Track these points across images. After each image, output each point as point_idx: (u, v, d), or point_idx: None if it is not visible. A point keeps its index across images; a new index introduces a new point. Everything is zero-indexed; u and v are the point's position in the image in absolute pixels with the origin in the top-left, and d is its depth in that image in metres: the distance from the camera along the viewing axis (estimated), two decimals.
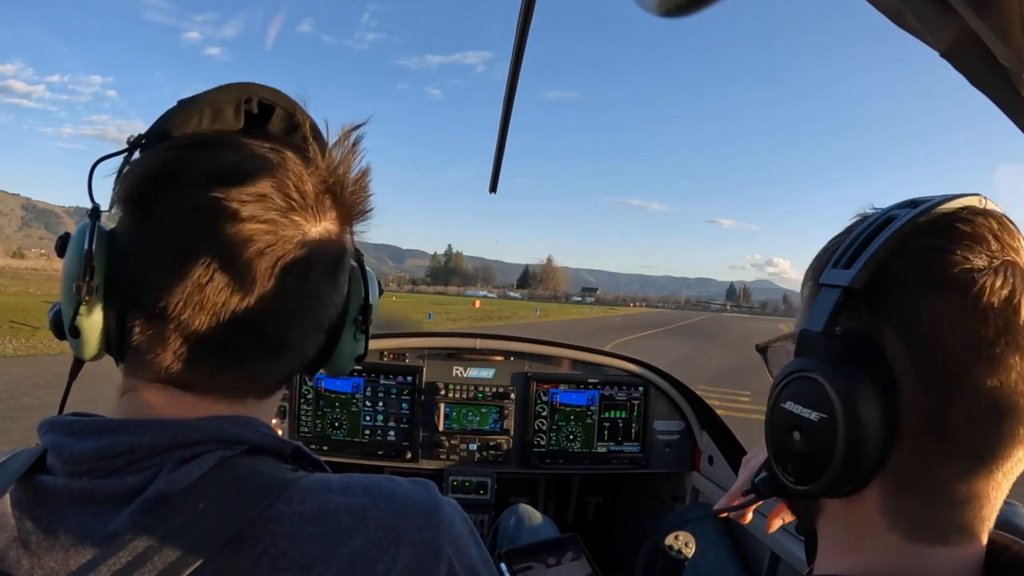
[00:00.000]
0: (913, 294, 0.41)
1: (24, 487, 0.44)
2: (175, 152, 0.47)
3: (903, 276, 0.42)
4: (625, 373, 2.06)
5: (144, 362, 0.47)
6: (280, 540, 0.43)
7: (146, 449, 0.44)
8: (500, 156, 0.93)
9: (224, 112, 0.50)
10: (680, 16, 0.32)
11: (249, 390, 0.51)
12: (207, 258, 0.45)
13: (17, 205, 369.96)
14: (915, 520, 0.42)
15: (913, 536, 0.43)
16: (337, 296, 0.54)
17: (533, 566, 1.29)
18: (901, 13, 0.46)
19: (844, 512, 0.46)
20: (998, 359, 0.39)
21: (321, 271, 0.50)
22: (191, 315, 0.45)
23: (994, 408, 0.39)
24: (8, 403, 6.20)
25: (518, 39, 0.68)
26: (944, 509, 0.42)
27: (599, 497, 2.49)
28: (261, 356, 0.49)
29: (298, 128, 0.53)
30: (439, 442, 1.96)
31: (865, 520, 0.44)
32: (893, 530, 0.43)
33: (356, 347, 0.58)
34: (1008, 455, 0.40)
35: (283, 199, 0.47)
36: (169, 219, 0.46)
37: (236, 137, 0.50)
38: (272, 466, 0.47)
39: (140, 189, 0.47)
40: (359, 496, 0.46)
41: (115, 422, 0.45)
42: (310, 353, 0.53)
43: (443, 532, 0.47)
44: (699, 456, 1.99)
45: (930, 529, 0.42)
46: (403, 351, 2.01)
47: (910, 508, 0.42)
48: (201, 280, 0.45)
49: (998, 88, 0.46)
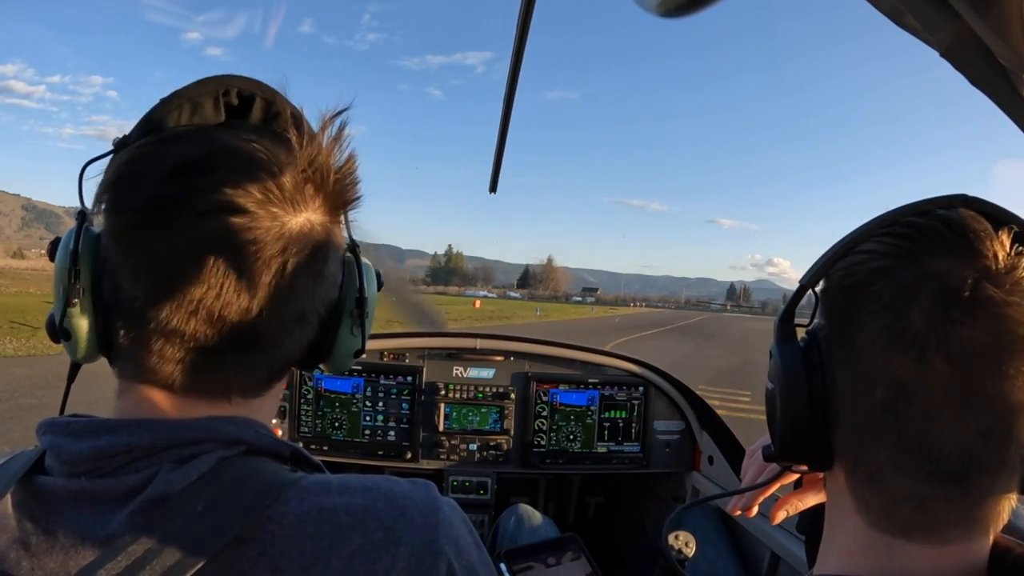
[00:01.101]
0: (840, 296, 0.46)
1: (24, 488, 0.44)
2: (143, 148, 0.47)
3: (833, 282, 0.47)
4: (625, 373, 2.06)
5: (132, 363, 0.48)
6: (279, 541, 0.43)
7: (143, 448, 0.44)
8: (500, 156, 0.93)
9: (203, 106, 0.49)
10: (680, 16, 0.32)
11: (231, 388, 0.50)
12: (175, 255, 0.44)
13: (17, 205, 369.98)
14: (872, 508, 0.44)
15: (878, 525, 0.44)
16: (322, 289, 0.52)
17: (533, 566, 1.29)
18: (901, 13, 0.46)
19: (830, 489, 0.50)
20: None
21: (300, 263, 0.48)
22: (167, 314, 0.44)
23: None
24: (8, 403, 6.20)
25: (518, 39, 0.68)
26: (900, 505, 0.42)
27: (599, 497, 2.49)
28: (238, 352, 0.48)
29: (278, 116, 0.51)
30: (439, 442, 1.96)
31: (841, 497, 0.47)
32: (860, 513, 0.45)
33: (353, 342, 0.56)
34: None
35: (259, 190, 0.45)
36: (135, 216, 0.45)
37: (209, 130, 0.49)
38: (271, 467, 0.47)
39: (108, 189, 0.47)
40: (358, 496, 0.46)
41: (113, 422, 0.46)
42: (296, 348, 0.52)
43: (442, 532, 0.47)
44: (699, 456, 1.98)
45: (890, 521, 0.43)
46: (403, 351, 2.01)
47: (868, 494, 0.44)
48: (173, 279, 0.44)
49: (998, 88, 0.46)
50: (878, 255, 0.44)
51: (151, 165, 0.45)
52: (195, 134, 0.48)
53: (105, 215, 0.47)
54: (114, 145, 0.49)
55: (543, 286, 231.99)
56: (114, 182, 0.47)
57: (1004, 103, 0.47)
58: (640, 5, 0.32)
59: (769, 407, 0.51)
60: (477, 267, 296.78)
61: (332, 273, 0.53)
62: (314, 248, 0.49)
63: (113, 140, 0.49)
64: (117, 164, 0.47)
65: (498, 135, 0.89)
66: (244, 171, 0.45)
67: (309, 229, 0.49)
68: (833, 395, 0.45)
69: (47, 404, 5.98)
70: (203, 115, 0.49)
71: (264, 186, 0.46)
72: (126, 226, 0.46)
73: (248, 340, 0.47)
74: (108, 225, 0.47)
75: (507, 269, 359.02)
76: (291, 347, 0.51)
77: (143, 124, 0.49)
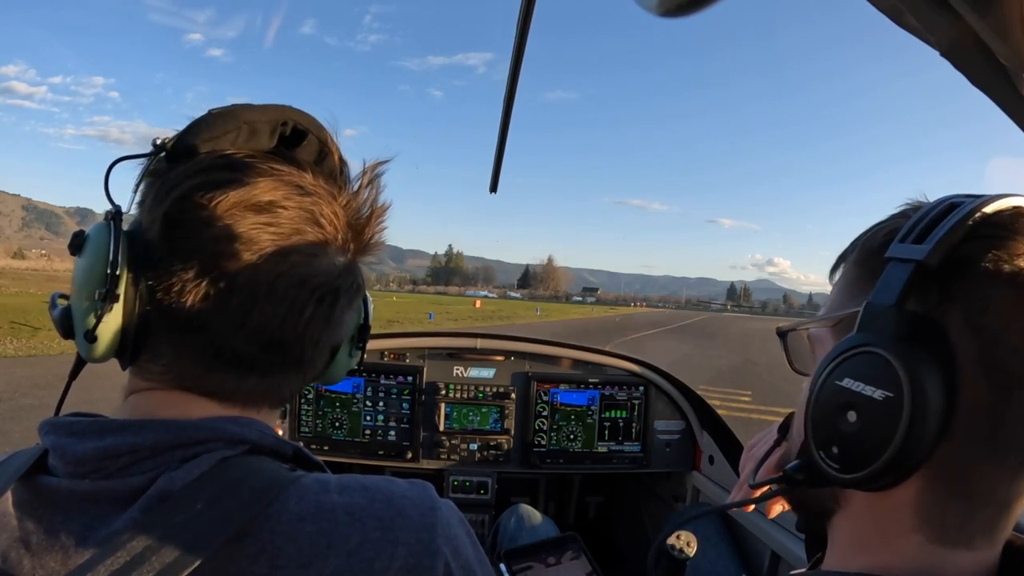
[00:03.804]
0: (981, 283, 0.39)
1: (26, 487, 0.44)
2: (217, 175, 0.48)
3: (972, 262, 0.39)
4: (625, 373, 2.06)
5: (162, 367, 0.48)
6: (277, 538, 0.43)
7: (148, 449, 0.44)
8: (500, 156, 0.93)
9: (260, 133, 0.51)
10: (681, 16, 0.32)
11: (266, 399, 0.53)
12: (244, 281, 0.47)
13: (18, 206, 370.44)
14: (947, 521, 0.40)
15: (941, 538, 0.41)
16: (353, 321, 0.58)
17: (533, 566, 1.29)
18: (901, 13, 0.46)
19: (869, 508, 0.44)
20: None
21: (346, 300, 0.54)
22: (226, 332, 0.47)
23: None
24: (9, 404, 6.19)
25: (518, 39, 0.68)
26: (979, 511, 0.40)
27: (599, 497, 2.49)
28: (284, 372, 0.52)
29: (327, 157, 0.55)
30: (440, 442, 1.96)
31: (892, 518, 0.42)
32: (920, 530, 0.41)
33: (351, 362, 0.62)
34: None
35: (317, 232, 0.50)
36: (210, 244, 0.46)
37: (273, 164, 0.51)
38: (271, 466, 0.48)
39: (180, 204, 0.47)
40: (357, 496, 0.47)
41: (117, 422, 0.46)
42: (320, 368, 0.57)
43: (440, 532, 0.47)
44: (700, 456, 1.98)
45: (960, 531, 0.40)
46: (404, 351, 2.01)
47: (945, 508, 0.40)
48: (237, 301, 0.47)
49: (999, 88, 0.46)
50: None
51: (227, 194, 0.47)
52: (266, 169, 0.50)
53: (165, 224, 0.47)
54: (154, 147, 0.49)
55: (543, 286, 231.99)
56: (188, 199, 0.47)
57: (1005, 103, 0.47)
58: (640, 5, 0.32)
59: (875, 423, 0.40)
60: (478, 267, 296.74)
61: (359, 307, 0.59)
62: (356, 287, 0.55)
63: (153, 140, 0.49)
64: (187, 178, 0.48)
65: (498, 136, 0.89)
66: (310, 214, 0.50)
67: (351, 269, 0.54)
68: (959, 405, 0.39)
69: (48, 404, 5.95)
70: (258, 142, 0.52)
71: (323, 229, 0.51)
72: (195, 246, 0.46)
73: (296, 363, 0.52)
74: (165, 234, 0.47)
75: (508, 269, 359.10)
76: (321, 368, 0.56)
77: (193, 136, 0.49)
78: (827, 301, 0.50)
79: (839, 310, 0.47)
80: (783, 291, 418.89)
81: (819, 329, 0.50)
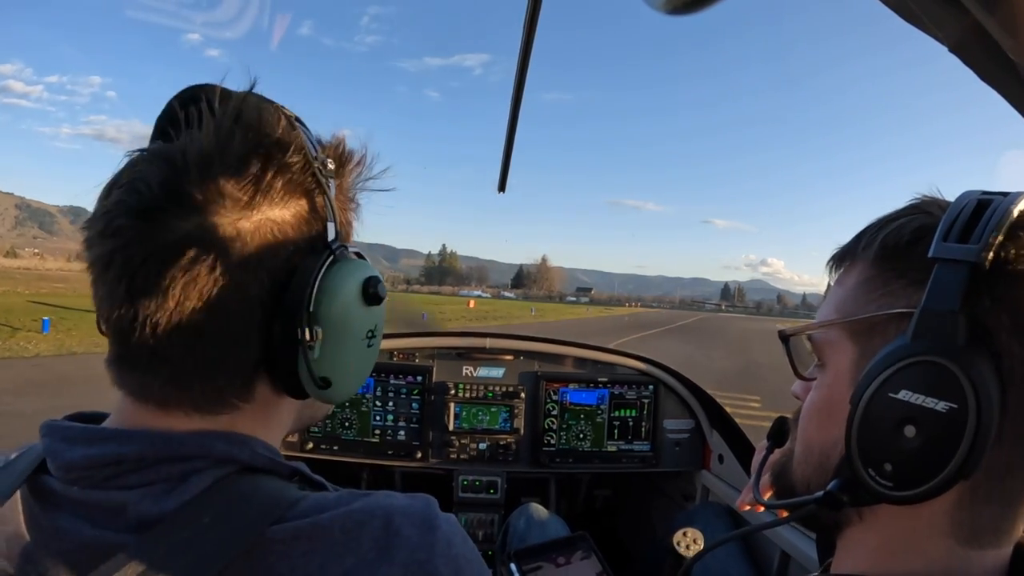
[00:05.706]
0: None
1: (31, 487, 0.45)
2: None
3: (1015, 262, 0.37)
4: (635, 372, 2.06)
5: (121, 377, 0.46)
6: (271, 557, 0.42)
7: (132, 461, 0.43)
8: (508, 156, 0.93)
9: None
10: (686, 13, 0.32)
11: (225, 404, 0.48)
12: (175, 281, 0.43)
13: (11, 204, 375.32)
14: (979, 526, 0.40)
15: (970, 541, 0.40)
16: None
17: (543, 565, 1.29)
18: (909, 9, 0.46)
19: (899, 518, 0.42)
20: None
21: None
22: (151, 334, 0.43)
23: None
24: None
25: (525, 37, 0.68)
26: (1009, 512, 0.40)
27: (607, 490, 2.48)
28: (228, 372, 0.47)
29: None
30: (449, 441, 1.97)
31: (924, 525, 0.41)
32: (952, 535, 0.40)
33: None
34: None
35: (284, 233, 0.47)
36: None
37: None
38: (267, 488, 0.46)
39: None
40: (354, 514, 0.45)
41: (107, 431, 0.45)
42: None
43: (439, 552, 0.45)
44: (709, 455, 1.98)
45: (989, 534, 0.40)
46: (413, 351, 2.02)
47: (980, 513, 0.39)
48: (159, 300, 0.42)
49: (1007, 83, 0.45)
50: None
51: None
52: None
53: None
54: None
55: (537, 286, 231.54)
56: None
57: (1013, 98, 0.46)
58: (648, 3, 0.32)
59: (938, 437, 0.37)
60: (471, 267, 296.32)
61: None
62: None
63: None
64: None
65: (506, 135, 0.89)
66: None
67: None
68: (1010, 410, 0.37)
69: (16, 412, 5.28)
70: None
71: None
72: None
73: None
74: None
75: (501, 269, 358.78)
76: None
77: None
78: (830, 301, 0.48)
79: (856, 312, 0.44)
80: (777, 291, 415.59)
81: (831, 332, 0.47)
